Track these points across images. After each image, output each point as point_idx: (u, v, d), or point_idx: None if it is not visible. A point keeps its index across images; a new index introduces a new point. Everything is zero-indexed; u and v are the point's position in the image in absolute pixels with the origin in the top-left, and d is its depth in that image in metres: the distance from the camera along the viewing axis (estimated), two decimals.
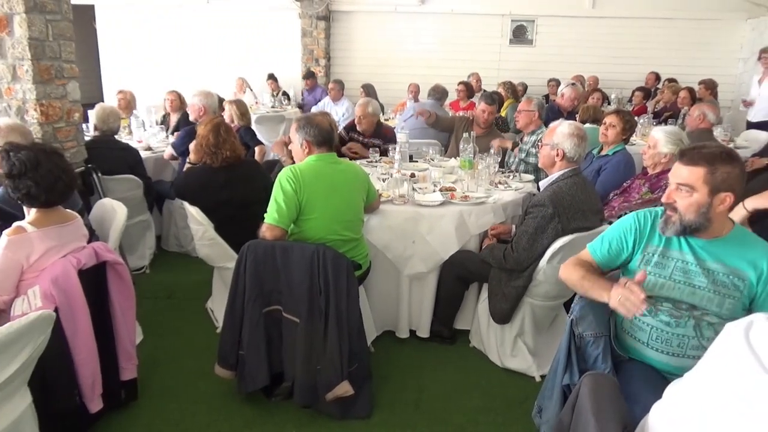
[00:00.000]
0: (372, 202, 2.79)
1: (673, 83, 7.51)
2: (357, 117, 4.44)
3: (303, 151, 2.59)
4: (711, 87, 6.92)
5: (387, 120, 6.71)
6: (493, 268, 2.77)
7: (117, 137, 4.12)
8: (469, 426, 2.44)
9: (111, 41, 9.55)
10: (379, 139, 4.41)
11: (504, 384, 2.74)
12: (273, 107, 7.58)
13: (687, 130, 4.56)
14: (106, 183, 3.66)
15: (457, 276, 2.95)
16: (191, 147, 3.34)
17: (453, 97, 7.13)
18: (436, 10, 9.20)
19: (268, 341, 2.41)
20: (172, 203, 4.28)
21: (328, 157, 2.58)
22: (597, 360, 1.79)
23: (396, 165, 3.65)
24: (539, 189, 2.84)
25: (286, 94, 8.34)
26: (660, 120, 6.48)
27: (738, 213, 2.20)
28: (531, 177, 3.68)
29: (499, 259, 2.69)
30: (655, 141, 3.07)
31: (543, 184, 2.74)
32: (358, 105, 4.49)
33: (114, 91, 5.90)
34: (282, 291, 2.38)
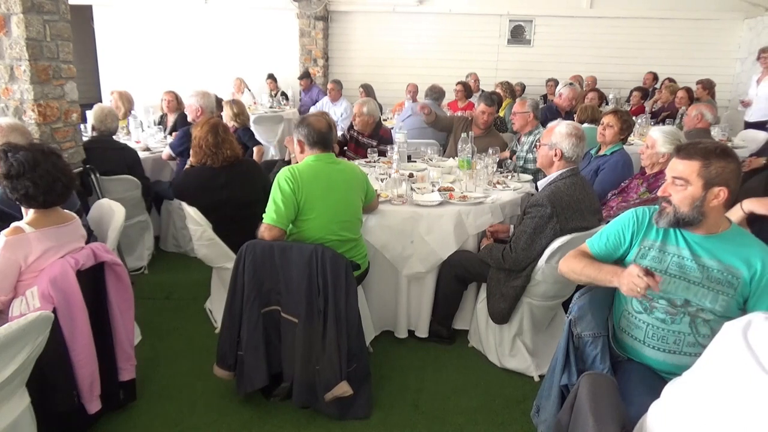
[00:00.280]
0: (370, 202, 2.79)
1: (671, 83, 7.52)
2: (353, 115, 4.46)
3: (298, 151, 2.60)
4: (708, 87, 6.94)
5: (385, 120, 6.71)
6: (492, 268, 2.77)
7: (115, 137, 4.11)
8: (468, 426, 2.44)
9: (109, 41, 9.54)
10: (375, 140, 4.42)
11: (503, 384, 2.74)
12: (271, 107, 7.57)
13: (684, 129, 4.58)
14: (104, 183, 3.65)
15: (456, 276, 2.95)
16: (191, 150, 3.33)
17: (451, 98, 7.13)
18: (434, 10, 9.21)
19: (266, 341, 2.41)
20: (170, 204, 4.28)
21: (326, 158, 2.57)
22: (595, 360, 1.80)
23: (394, 165, 3.65)
24: (537, 189, 2.84)
25: (284, 94, 8.33)
26: (658, 120, 6.50)
27: (735, 213, 2.21)
28: (529, 177, 3.68)
29: (498, 259, 2.69)
30: (653, 141, 3.08)
31: (541, 184, 2.75)
32: (356, 105, 4.50)
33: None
34: (281, 291, 2.38)
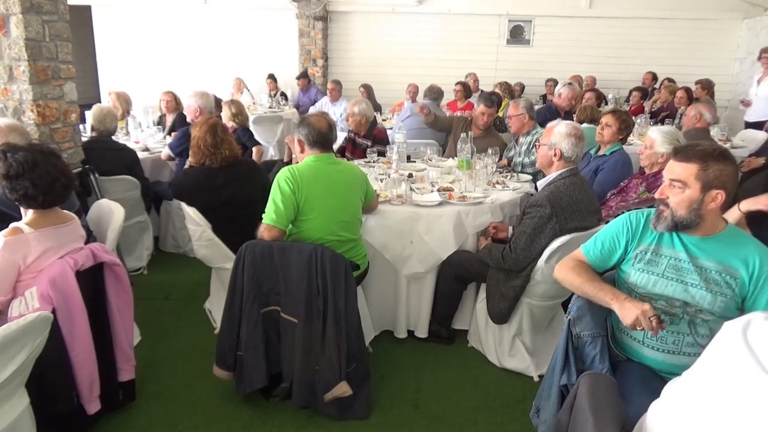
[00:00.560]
0: (370, 202, 2.78)
1: (671, 83, 7.53)
2: (349, 117, 4.48)
3: (298, 151, 2.60)
4: (707, 87, 6.95)
5: (384, 120, 6.71)
6: (491, 268, 2.77)
7: (114, 138, 4.11)
8: (468, 426, 2.44)
9: (108, 42, 9.53)
10: (369, 140, 4.42)
11: (502, 384, 2.74)
12: (271, 108, 7.56)
13: (684, 129, 4.58)
14: (103, 184, 3.65)
15: (455, 276, 2.94)
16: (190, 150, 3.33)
17: (450, 98, 7.14)
18: (433, 10, 9.21)
19: (266, 342, 2.41)
20: (169, 204, 4.27)
21: (326, 158, 2.57)
22: (594, 360, 1.80)
23: (394, 165, 3.65)
24: (537, 189, 2.84)
25: (284, 94, 8.32)
26: (657, 120, 6.50)
27: (732, 214, 2.21)
28: (528, 177, 3.68)
29: (498, 260, 2.68)
30: (652, 141, 3.08)
31: (541, 184, 2.74)
32: (349, 105, 4.53)
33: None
34: (280, 291, 2.37)
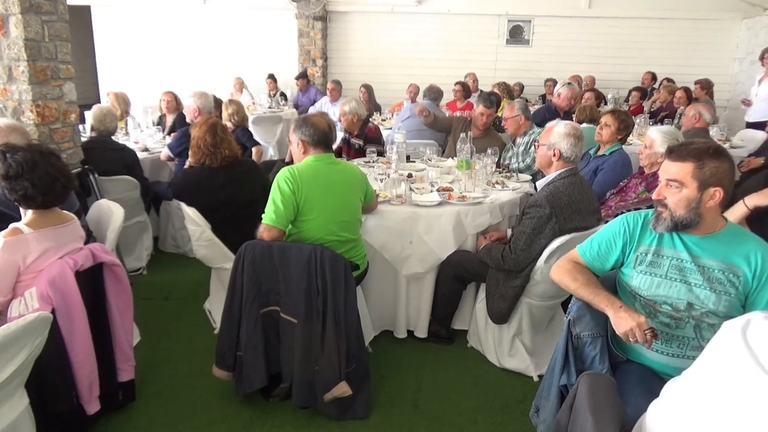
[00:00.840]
0: (370, 202, 2.78)
1: (670, 83, 7.53)
2: (341, 117, 4.49)
3: (300, 152, 2.59)
4: (707, 87, 6.95)
5: (384, 120, 6.71)
6: (491, 268, 2.77)
7: (114, 138, 4.11)
8: (467, 426, 2.44)
9: (107, 42, 9.53)
10: (361, 139, 4.42)
11: (502, 384, 2.74)
12: (270, 108, 7.56)
13: (683, 129, 4.58)
14: (102, 184, 3.65)
15: (455, 276, 2.94)
16: (190, 150, 3.32)
17: (450, 98, 7.14)
18: (432, 10, 9.21)
19: (266, 342, 2.41)
20: (169, 204, 4.27)
21: (326, 158, 2.57)
22: (594, 360, 1.80)
23: (393, 165, 3.65)
24: (536, 189, 2.84)
25: (283, 94, 8.32)
26: (656, 120, 6.50)
27: (738, 210, 2.21)
28: (528, 177, 3.68)
29: (498, 260, 2.68)
30: (652, 141, 3.08)
31: (540, 184, 2.74)
32: (340, 105, 4.54)
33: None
34: (280, 292, 2.37)
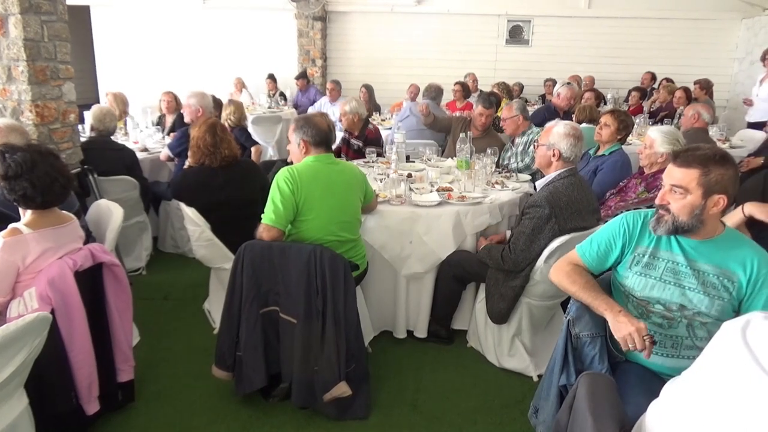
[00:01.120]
0: (369, 202, 2.78)
1: (669, 83, 7.53)
2: (341, 117, 4.49)
3: (300, 152, 2.59)
4: (706, 87, 6.94)
5: (384, 120, 6.71)
6: (491, 268, 2.77)
7: (113, 138, 4.11)
8: (467, 426, 2.44)
9: (106, 42, 9.53)
10: (361, 140, 4.42)
11: (501, 384, 2.74)
12: (270, 108, 7.56)
13: (682, 129, 4.57)
14: (102, 184, 3.65)
15: (455, 276, 2.94)
16: (189, 150, 3.32)
17: (449, 98, 7.14)
18: (432, 10, 9.21)
19: (265, 342, 2.41)
20: (168, 204, 4.27)
21: (325, 158, 2.57)
22: (594, 360, 1.80)
23: (393, 165, 3.65)
24: (536, 189, 2.84)
25: (283, 94, 8.32)
26: (656, 120, 6.50)
27: (737, 216, 2.20)
28: (527, 177, 3.68)
29: (497, 260, 2.68)
30: (652, 141, 3.08)
31: (540, 184, 2.74)
32: (340, 105, 4.53)
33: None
34: (279, 292, 2.37)
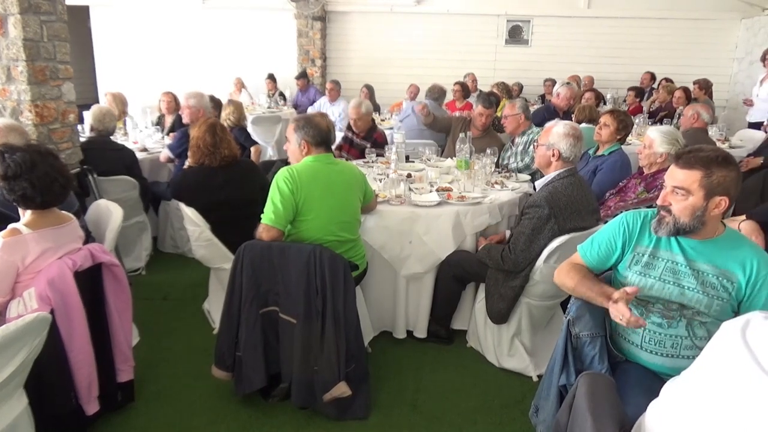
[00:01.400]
0: (369, 202, 2.78)
1: (669, 83, 7.53)
2: (352, 120, 4.45)
3: (301, 152, 2.59)
4: (705, 87, 6.94)
5: (383, 120, 6.71)
6: (490, 268, 2.77)
7: (112, 138, 4.10)
8: (467, 426, 2.44)
9: (106, 42, 9.52)
10: (369, 142, 4.42)
11: (501, 384, 2.74)
12: (269, 108, 7.56)
13: (681, 129, 4.58)
14: (101, 184, 3.64)
15: (454, 276, 2.94)
16: (189, 150, 3.31)
17: (449, 98, 7.14)
18: (432, 10, 9.21)
19: (265, 342, 2.41)
20: (168, 204, 4.27)
21: (325, 158, 2.57)
22: (594, 360, 1.80)
23: (392, 165, 3.65)
24: (535, 189, 2.84)
25: (282, 94, 8.32)
26: (655, 120, 6.51)
27: (736, 225, 2.22)
28: (527, 177, 3.68)
29: (497, 261, 2.68)
30: (651, 141, 3.08)
31: (539, 184, 2.74)
32: (351, 107, 4.49)
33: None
34: (279, 292, 2.37)
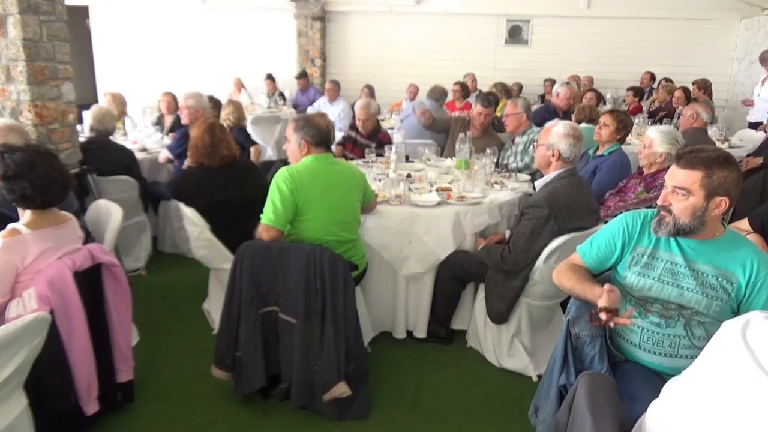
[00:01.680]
0: (369, 202, 2.79)
1: (668, 83, 7.53)
2: (360, 120, 4.42)
3: (300, 152, 2.59)
4: (704, 87, 6.93)
5: (383, 120, 6.71)
6: (490, 268, 2.77)
7: (112, 138, 4.10)
8: (466, 426, 2.44)
9: (105, 42, 9.52)
10: (374, 142, 4.41)
11: (501, 384, 2.74)
12: (269, 108, 7.56)
13: (680, 129, 4.58)
14: (101, 184, 3.64)
15: (454, 276, 2.94)
16: (188, 151, 3.31)
17: (449, 97, 7.14)
18: (431, 10, 9.21)
19: (264, 342, 2.41)
20: (167, 204, 4.26)
21: (324, 158, 2.58)
22: (594, 360, 1.80)
23: (392, 165, 3.65)
24: (535, 189, 2.84)
25: (282, 94, 8.32)
26: (655, 120, 6.51)
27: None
28: (527, 177, 3.68)
29: (497, 261, 2.68)
30: (651, 141, 3.08)
31: (539, 184, 2.74)
32: (359, 108, 4.44)
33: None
34: (279, 292, 2.37)
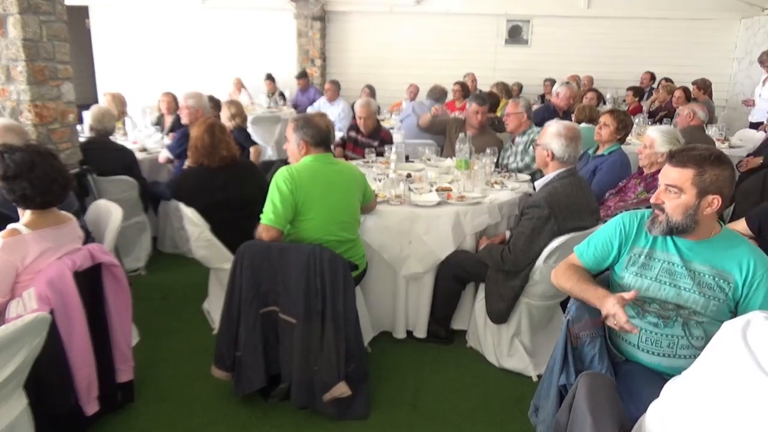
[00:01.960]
0: (368, 202, 2.79)
1: (668, 83, 7.53)
2: (361, 119, 4.42)
3: (300, 152, 2.59)
4: (703, 87, 6.92)
5: (383, 120, 6.72)
6: (490, 268, 2.77)
7: (112, 138, 4.10)
8: (466, 426, 2.44)
9: (105, 42, 9.52)
10: (376, 141, 4.41)
11: (501, 384, 2.75)
12: (269, 108, 7.56)
13: (678, 128, 4.58)
14: (101, 184, 3.64)
15: (454, 276, 2.94)
16: (188, 151, 3.31)
17: (449, 98, 7.14)
18: (431, 10, 9.21)
19: (264, 342, 2.41)
20: (167, 204, 4.26)
21: (324, 158, 2.58)
22: (594, 360, 1.80)
23: (392, 165, 3.65)
24: (535, 189, 2.84)
25: (282, 94, 8.31)
26: (655, 120, 6.51)
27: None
28: (527, 177, 3.68)
29: (497, 261, 2.68)
30: (651, 141, 3.08)
31: (539, 184, 2.74)
32: (360, 106, 4.44)
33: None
34: (279, 292, 2.37)
